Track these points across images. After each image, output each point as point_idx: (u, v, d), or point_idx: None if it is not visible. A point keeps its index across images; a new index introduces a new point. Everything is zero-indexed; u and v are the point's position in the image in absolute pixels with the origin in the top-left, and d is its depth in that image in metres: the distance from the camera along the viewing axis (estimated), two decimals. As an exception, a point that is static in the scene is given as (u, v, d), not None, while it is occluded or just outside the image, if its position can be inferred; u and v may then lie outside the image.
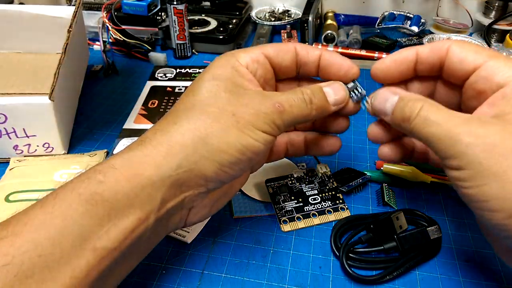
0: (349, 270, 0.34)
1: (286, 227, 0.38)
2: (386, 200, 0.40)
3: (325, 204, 0.40)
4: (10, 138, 0.45)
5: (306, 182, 0.42)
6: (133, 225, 0.27)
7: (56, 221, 0.25)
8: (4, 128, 0.44)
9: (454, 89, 0.32)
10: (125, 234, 0.26)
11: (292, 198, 0.41)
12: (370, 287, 0.34)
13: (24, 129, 0.45)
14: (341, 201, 0.41)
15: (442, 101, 0.30)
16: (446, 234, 0.38)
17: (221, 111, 0.29)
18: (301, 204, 0.40)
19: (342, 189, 0.41)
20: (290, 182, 0.42)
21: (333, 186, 0.42)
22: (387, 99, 0.31)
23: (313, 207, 0.40)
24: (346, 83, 0.34)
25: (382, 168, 0.43)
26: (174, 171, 0.28)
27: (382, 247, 0.35)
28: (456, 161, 0.26)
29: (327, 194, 0.41)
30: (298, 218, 0.39)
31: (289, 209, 0.40)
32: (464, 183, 0.26)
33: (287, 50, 0.34)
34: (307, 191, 0.41)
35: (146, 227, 0.28)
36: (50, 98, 0.43)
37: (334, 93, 0.33)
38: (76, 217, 0.25)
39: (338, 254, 0.35)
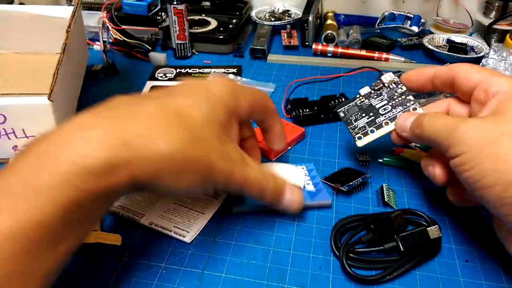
0: (349, 270, 0.34)
1: (360, 142, 0.41)
2: (386, 200, 0.40)
3: (396, 111, 0.41)
4: (9, 139, 0.45)
5: (375, 97, 0.43)
6: (95, 222, 0.31)
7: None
8: (3, 128, 0.44)
9: (464, 107, 0.38)
10: (88, 230, 0.30)
11: (364, 115, 0.42)
12: (370, 287, 0.34)
13: (23, 130, 0.45)
14: (412, 102, 0.41)
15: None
16: (446, 234, 0.38)
17: (205, 157, 0.30)
18: (373, 117, 0.42)
19: (342, 188, 0.41)
20: (360, 101, 0.43)
21: (403, 90, 0.42)
22: (407, 118, 0.38)
23: (385, 117, 0.41)
24: None
25: (402, 154, 0.46)
26: (141, 183, 0.28)
27: (382, 247, 0.35)
28: (456, 148, 0.31)
29: (397, 100, 0.41)
30: (372, 131, 0.41)
31: (362, 125, 0.42)
32: (464, 167, 0.31)
33: (266, 107, 0.38)
34: (377, 104, 0.42)
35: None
36: (49, 99, 0.43)
37: (291, 198, 0.37)
38: (52, 224, 0.25)
39: (338, 254, 0.35)
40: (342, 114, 0.44)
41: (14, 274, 0.24)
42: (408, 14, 0.79)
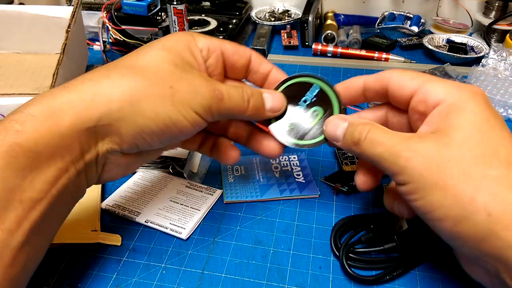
0: (349, 270, 0.34)
1: (347, 168, 0.43)
2: (386, 200, 0.40)
3: None
4: (9, 138, 0.45)
5: None
6: (55, 175, 0.27)
7: None
8: None
9: (402, 114, 0.34)
10: (49, 184, 0.26)
11: None
12: (370, 287, 0.34)
13: (23, 129, 0.45)
14: None
15: (394, 127, 0.34)
16: (446, 234, 0.38)
17: (159, 79, 0.29)
18: None
19: (343, 188, 0.41)
20: None
21: None
22: (337, 125, 0.33)
23: None
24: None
25: None
26: (93, 122, 0.27)
27: (382, 247, 0.35)
28: (401, 177, 0.28)
29: None
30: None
31: (351, 154, 0.45)
32: (411, 196, 0.28)
33: (243, 54, 0.36)
34: None
35: (68, 178, 0.27)
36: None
37: (272, 100, 0.34)
38: None
39: (338, 254, 0.35)
40: None
41: None
42: (408, 14, 0.79)
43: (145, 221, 0.38)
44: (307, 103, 0.35)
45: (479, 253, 0.26)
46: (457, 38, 0.73)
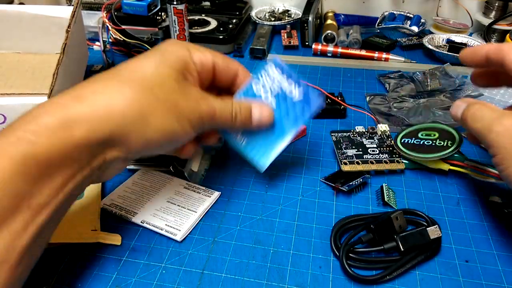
0: (349, 270, 0.34)
1: (345, 167, 0.43)
2: (386, 200, 0.40)
3: (382, 156, 0.45)
4: (9, 138, 0.45)
5: (367, 137, 0.47)
6: (63, 182, 0.28)
7: None
8: (3, 128, 0.44)
9: None
10: (56, 190, 0.28)
11: (353, 147, 0.46)
12: (370, 287, 0.34)
13: (23, 129, 0.45)
14: (397, 155, 0.45)
15: None
16: (446, 234, 0.38)
17: (167, 97, 0.32)
18: (361, 152, 0.45)
19: (343, 188, 0.41)
20: (352, 135, 0.47)
21: (391, 143, 0.46)
22: (459, 106, 0.37)
23: (372, 156, 0.44)
24: None
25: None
26: (106, 136, 0.29)
27: (382, 247, 0.35)
28: (491, 149, 0.33)
29: (385, 148, 0.46)
30: (358, 163, 0.44)
31: (350, 154, 0.45)
32: (499, 167, 0.32)
33: (232, 69, 0.39)
34: (367, 143, 0.46)
35: (75, 184, 0.29)
36: (48, 98, 0.43)
37: (259, 114, 0.38)
38: (10, 179, 0.25)
39: (338, 254, 0.35)
40: (334, 138, 0.47)
41: None
42: (408, 14, 0.79)
43: (141, 222, 0.38)
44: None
45: None
46: (457, 38, 0.73)
